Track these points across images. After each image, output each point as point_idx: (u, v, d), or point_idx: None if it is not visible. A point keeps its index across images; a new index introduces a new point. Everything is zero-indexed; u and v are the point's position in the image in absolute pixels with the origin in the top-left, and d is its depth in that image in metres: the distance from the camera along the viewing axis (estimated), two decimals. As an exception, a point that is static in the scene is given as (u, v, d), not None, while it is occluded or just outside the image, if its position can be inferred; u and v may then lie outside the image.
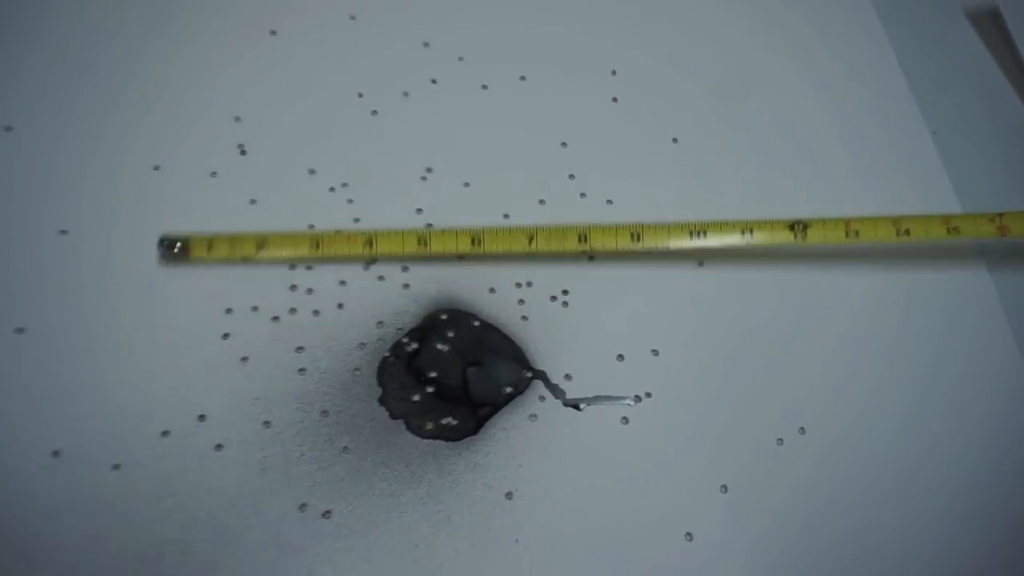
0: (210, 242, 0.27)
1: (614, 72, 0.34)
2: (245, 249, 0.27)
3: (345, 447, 0.24)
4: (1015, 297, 0.31)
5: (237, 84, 0.30)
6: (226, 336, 0.26)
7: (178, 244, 0.26)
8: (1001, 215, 0.28)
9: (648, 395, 0.27)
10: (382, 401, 0.25)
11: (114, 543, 0.22)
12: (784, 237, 0.28)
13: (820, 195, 0.32)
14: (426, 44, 0.32)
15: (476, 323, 0.27)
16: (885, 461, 0.28)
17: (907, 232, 0.28)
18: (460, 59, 0.32)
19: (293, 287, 0.27)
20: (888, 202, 0.31)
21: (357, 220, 0.28)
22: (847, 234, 0.28)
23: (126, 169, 0.27)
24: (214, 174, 0.28)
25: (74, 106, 0.28)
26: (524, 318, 0.28)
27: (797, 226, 0.28)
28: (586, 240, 0.28)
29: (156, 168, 0.28)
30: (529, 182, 0.31)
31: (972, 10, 0.35)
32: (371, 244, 0.27)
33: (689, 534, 0.25)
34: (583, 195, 0.31)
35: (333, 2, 0.32)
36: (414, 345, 0.27)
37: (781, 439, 0.27)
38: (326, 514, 0.23)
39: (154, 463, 0.23)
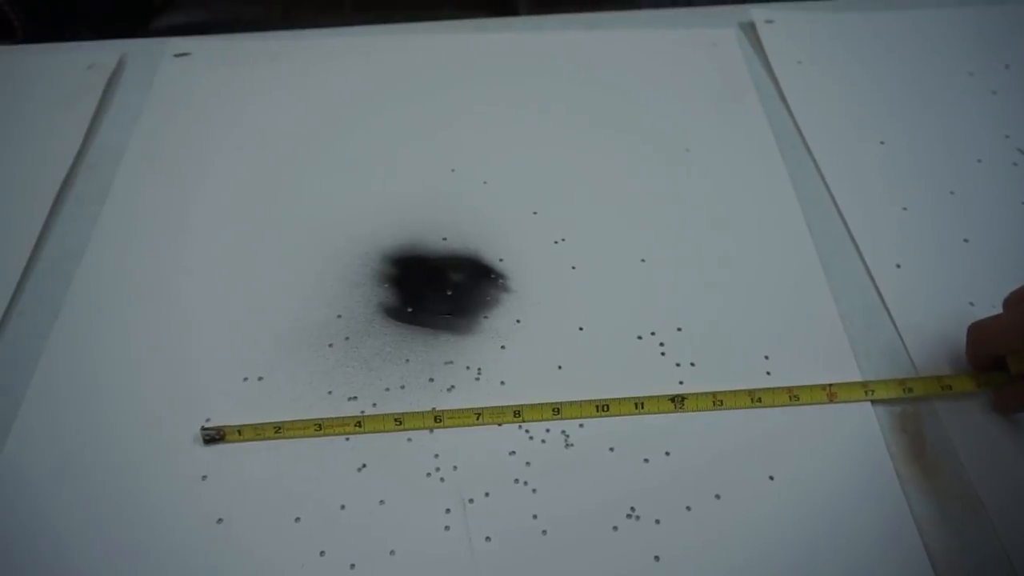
0: (240, 429, 0.37)
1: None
2: (266, 433, 0.37)
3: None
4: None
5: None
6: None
7: (216, 432, 0.36)
8: (831, 385, 0.37)
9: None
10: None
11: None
12: (667, 407, 0.37)
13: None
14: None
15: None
16: None
17: (759, 399, 0.37)
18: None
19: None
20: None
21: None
22: (714, 403, 0.37)
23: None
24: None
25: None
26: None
27: (677, 399, 0.37)
28: (520, 415, 0.37)
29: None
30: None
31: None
32: (360, 424, 0.37)
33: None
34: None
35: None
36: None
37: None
38: None
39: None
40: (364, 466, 0.36)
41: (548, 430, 0.37)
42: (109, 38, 0.60)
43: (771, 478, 0.35)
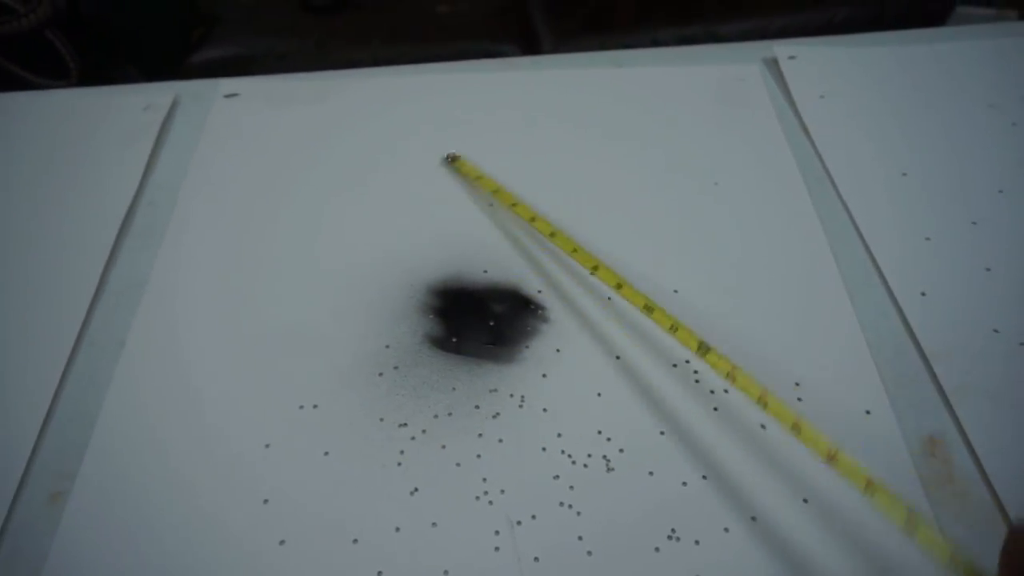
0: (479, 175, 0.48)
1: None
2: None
3: None
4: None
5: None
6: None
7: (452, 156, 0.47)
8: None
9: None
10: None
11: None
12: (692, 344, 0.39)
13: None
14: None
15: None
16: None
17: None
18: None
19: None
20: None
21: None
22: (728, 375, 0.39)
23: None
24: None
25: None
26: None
27: (702, 346, 0.39)
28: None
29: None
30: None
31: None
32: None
33: None
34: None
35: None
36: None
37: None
38: None
39: None
40: (416, 490, 0.38)
41: (590, 455, 0.39)
42: (153, 73, 0.64)
43: (805, 501, 0.37)
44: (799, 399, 0.40)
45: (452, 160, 0.50)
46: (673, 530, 0.36)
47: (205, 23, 1.04)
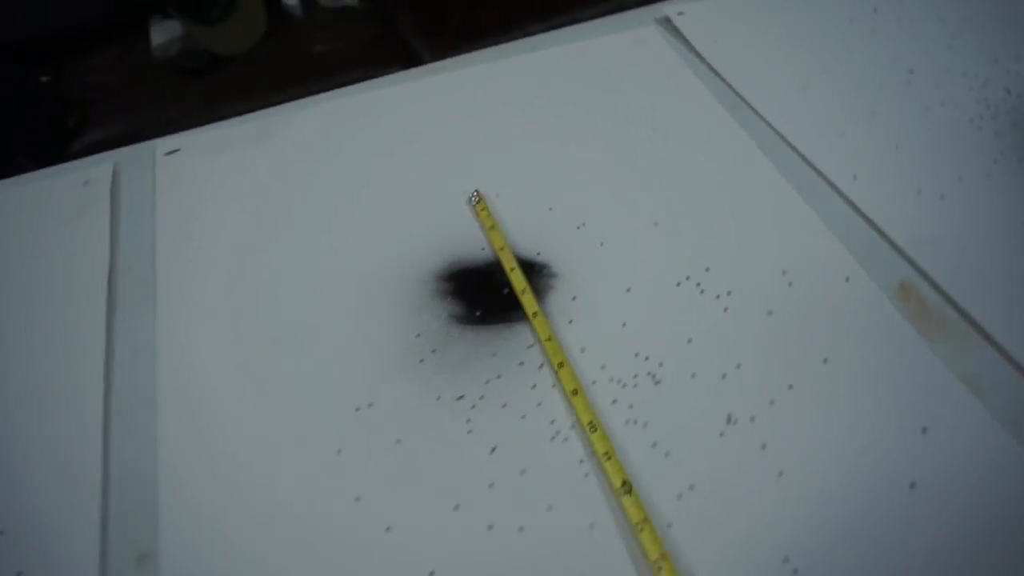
0: (492, 224, 0.50)
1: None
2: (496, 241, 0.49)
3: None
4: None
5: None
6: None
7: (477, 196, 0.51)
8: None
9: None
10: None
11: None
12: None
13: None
14: (452, 279, 0.48)
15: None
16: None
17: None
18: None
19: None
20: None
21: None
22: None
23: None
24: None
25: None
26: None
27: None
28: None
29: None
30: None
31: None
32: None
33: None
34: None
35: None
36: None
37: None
38: None
39: None
40: (495, 448, 0.40)
41: (636, 375, 0.43)
42: (38, 163, 0.62)
43: (825, 361, 0.42)
44: (790, 284, 0.46)
45: (476, 202, 0.52)
46: (729, 415, 0.40)
47: (78, 109, 1.00)
